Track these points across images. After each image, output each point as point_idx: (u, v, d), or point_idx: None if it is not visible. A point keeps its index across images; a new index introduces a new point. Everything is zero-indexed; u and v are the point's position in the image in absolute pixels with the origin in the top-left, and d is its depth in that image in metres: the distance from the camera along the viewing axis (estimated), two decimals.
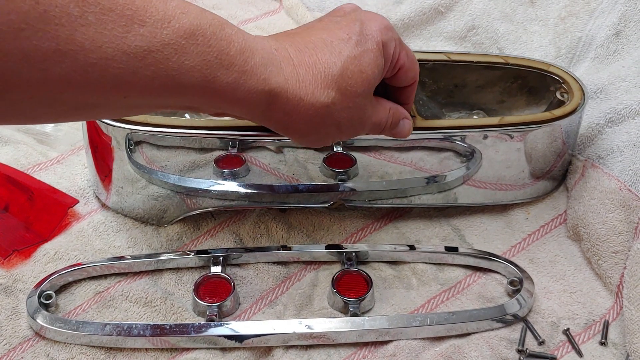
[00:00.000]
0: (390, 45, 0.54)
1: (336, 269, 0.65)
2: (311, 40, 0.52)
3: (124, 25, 0.41)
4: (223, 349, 0.60)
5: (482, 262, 0.66)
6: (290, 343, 0.60)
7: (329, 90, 0.51)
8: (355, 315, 0.61)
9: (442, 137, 0.66)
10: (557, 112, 0.66)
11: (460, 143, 0.66)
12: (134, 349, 0.59)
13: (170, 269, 0.65)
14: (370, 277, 0.63)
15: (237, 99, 0.48)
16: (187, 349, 0.60)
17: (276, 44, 0.50)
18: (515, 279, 0.64)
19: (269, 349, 0.60)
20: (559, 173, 0.72)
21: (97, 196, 0.71)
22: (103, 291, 0.64)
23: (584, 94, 0.68)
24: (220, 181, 0.67)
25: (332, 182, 0.67)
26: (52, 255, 0.66)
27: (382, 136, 0.65)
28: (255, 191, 0.67)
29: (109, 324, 0.60)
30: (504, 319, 0.61)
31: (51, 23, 0.38)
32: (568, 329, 0.61)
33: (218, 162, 0.66)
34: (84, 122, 0.66)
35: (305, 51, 0.51)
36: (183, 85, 0.44)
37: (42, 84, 0.40)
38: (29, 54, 0.38)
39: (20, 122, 0.47)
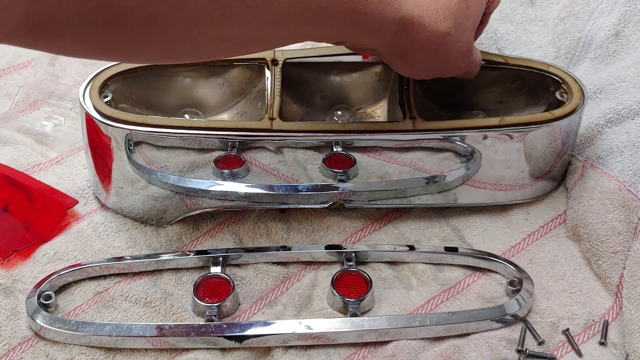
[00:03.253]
0: None
1: (336, 269, 0.65)
2: None
3: None
4: (223, 350, 0.60)
5: (481, 263, 0.66)
6: (290, 343, 0.60)
7: (448, 21, 0.57)
8: (354, 315, 0.61)
9: (442, 137, 0.66)
10: (557, 112, 0.66)
11: (460, 143, 0.66)
12: (133, 350, 0.59)
13: (169, 269, 0.65)
14: (369, 278, 0.63)
15: (372, 27, 0.53)
16: (187, 350, 0.60)
17: None
18: (514, 279, 0.64)
19: (268, 349, 0.60)
20: (558, 173, 0.72)
21: (96, 196, 0.71)
22: (103, 291, 0.64)
23: (583, 95, 0.68)
24: (219, 181, 0.67)
25: (332, 182, 0.67)
26: (52, 256, 0.66)
27: (382, 136, 0.65)
28: (254, 191, 0.67)
29: (108, 324, 0.60)
30: (504, 319, 0.61)
31: None
32: (567, 329, 0.61)
33: (217, 162, 0.66)
34: (84, 123, 0.66)
35: None
36: (329, 15, 0.50)
37: (218, 21, 0.46)
38: None
39: (187, 59, 0.56)
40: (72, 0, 0.40)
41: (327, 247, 0.66)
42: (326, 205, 0.68)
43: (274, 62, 0.70)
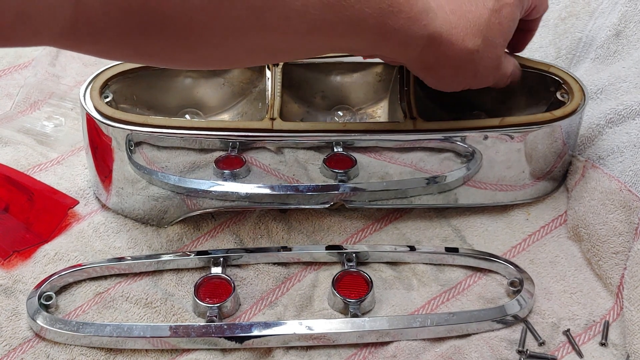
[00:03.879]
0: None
1: (336, 269, 0.65)
2: None
3: None
4: (223, 350, 0.60)
5: (482, 263, 0.66)
6: (291, 344, 0.60)
7: (477, 38, 0.57)
8: (355, 316, 0.61)
9: (443, 137, 0.66)
10: (558, 112, 0.66)
11: (461, 144, 0.66)
12: (134, 350, 0.59)
13: (170, 269, 0.65)
14: (370, 278, 0.63)
15: (401, 42, 0.54)
16: (188, 350, 0.60)
17: None
18: (515, 279, 0.64)
19: (269, 350, 0.60)
20: (559, 174, 0.72)
21: (97, 197, 0.71)
22: (103, 292, 0.64)
23: (584, 95, 0.68)
24: (220, 182, 0.67)
25: (333, 182, 0.67)
26: (52, 256, 0.66)
27: (383, 136, 0.65)
28: (255, 192, 0.67)
29: (109, 325, 0.60)
30: (504, 320, 0.61)
31: None
32: (568, 330, 0.61)
33: (218, 162, 0.66)
34: (84, 123, 0.66)
35: (456, 1, 0.57)
36: (360, 29, 0.51)
37: (252, 31, 0.47)
38: (253, 2, 0.45)
39: (221, 66, 0.57)
40: (114, 7, 0.42)
41: (328, 248, 0.66)
42: (327, 206, 0.68)
43: (274, 63, 0.70)
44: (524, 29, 0.66)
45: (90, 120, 0.65)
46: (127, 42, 0.45)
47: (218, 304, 0.61)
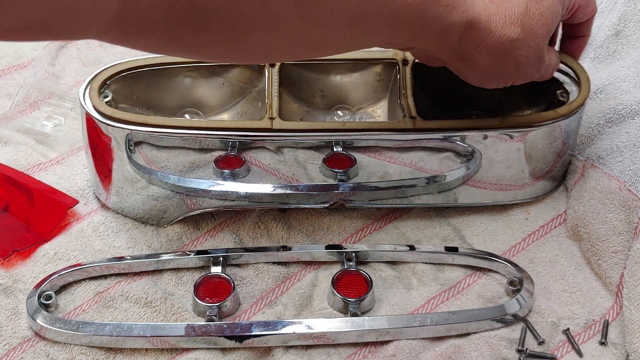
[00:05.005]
0: None
1: (336, 269, 0.65)
2: None
3: None
4: (223, 349, 0.60)
5: (482, 262, 0.66)
6: (291, 343, 0.60)
7: (515, 26, 0.57)
8: (355, 315, 0.61)
9: (442, 137, 0.66)
10: (561, 110, 0.66)
11: (460, 143, 0.66)
12: (134, 350, 0.59)
13: (170, 269, 0.65)
14: (370, 277, 0.63)
15: (440, 30, 0.54)
16: (187, 349, 0.60)
17: None
18: (515, 279, 0.64)
19: (269, 349, 0.60)
20: (558, 173, 0.72)
21: (97, 196, 0.71)
22: (103, 291, 0.64)
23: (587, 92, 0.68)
24: (220, 181, 0.67)
25: (332, 182, 0.67)
26: (52, 256, 0.66)
27: (382, 136, 0.65)
28: (255, 191, 0.67)
29: (109, 324, 0.60)
30: (504, 319, 0.61)
31: None
32: (568, 329, 0.61)
33: (218, 162, 0.66)
34: (84, 123, 0.66)
35: None
36: (400, 20, 0.51)
37: (296, 24, 0.47)
38: None
39: (260, 60, 0.58)
40: (162, 2, 0.42)
41: (328, 247, 0.66)
42: (326, 205, 0.68)
43: (271, 64, 0.70)
44: (576, 35, 0.66)
45: (89, 119, 0.65)
46: (174, 36, 0.46)
47: (218, 304, 0.61)
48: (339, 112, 0.76)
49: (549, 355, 0.59)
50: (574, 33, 0.67)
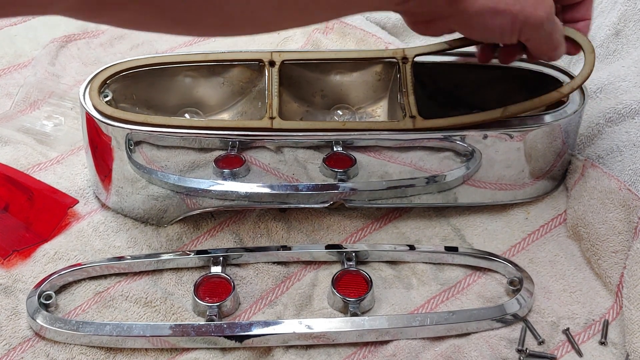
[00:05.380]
0: None
1: (336, 269, 0.65)
2: None
3: None
4: (223, 349, 0.60)
5: (482, 262, 0.66)
6: (290, 343, 0.60)
7: None
8: (355, 315, 0.61)
9: (442, 137, 0.66)
10: (564, 89, 0.66)
11: (460, 143, 0.66)
12: (133, 349, 0.59)
13: (170, 269, 0.65)
14: (370, 277, 0.63)
15: None
16: (187, 349, 0.60)
17: None
18: (515, 278, 0.64)
19: (269, 349, 0.60)
20: (558, 173, 0.72)
21: (97, 196, 0.71)
22: (103, 291, 0.64)
23: (583, 94, 0.68)
24: (220, 181, 0.67)
25: (332, 182, 0.67)
26: (52, 256, 0.66)
27: (382, 135, 0.65)
28: (255, 191, 0.67)
29: (108, 324, 0.60)
30: (504, 319, 0.61)
31: None
32: (568, 329, 0.61)
33: (218, 162, 0.66)
34: (84, 123, 0.66)
35: None
36: None
37: None
38: None
39: (247, 30, 0.53)
40: None
41: (328, 247, 0.66)
42: (326, 205, 0.68)
43: (271, 63, 0.70)
44: (577, 19, 0.64)
45: (89, 119, 0.65)
46: (150, 9, 0.44)
47: (218, 303, 0.61)
48: (339, 111, 0.76)
49: (548, 355, 0.59)
50: (574, 16, 0.64)
